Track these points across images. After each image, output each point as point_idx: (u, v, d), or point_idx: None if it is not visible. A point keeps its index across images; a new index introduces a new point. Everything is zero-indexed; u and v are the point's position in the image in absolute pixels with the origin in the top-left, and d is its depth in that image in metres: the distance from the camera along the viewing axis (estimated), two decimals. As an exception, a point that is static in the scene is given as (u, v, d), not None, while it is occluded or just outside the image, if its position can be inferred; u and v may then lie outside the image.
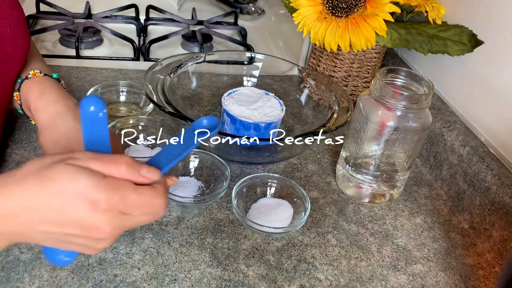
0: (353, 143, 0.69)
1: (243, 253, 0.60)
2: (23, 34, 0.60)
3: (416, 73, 0.66)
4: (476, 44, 0.75)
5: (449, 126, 0.76)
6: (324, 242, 0.64)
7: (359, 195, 0.71)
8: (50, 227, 0.39)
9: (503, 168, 0.67)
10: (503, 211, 0.63)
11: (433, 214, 0.72)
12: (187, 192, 0.66)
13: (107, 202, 0.38)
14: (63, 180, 0.38)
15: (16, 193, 0.38)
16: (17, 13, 0.60)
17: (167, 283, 0.55)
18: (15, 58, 0.59)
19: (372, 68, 0.89)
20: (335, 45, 0.78)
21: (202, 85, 0.88)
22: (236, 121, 0.73)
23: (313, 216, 0.67)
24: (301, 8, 0.80)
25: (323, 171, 0.76)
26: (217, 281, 0.56)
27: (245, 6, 1.26)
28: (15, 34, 0.58)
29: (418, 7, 0.77)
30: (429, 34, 0.79)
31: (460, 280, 0.62)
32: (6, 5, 0.57)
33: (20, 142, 0.71)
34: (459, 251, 0.66)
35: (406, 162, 0.68)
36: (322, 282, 0.58)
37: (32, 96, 0.58)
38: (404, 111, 0.63)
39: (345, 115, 0.73)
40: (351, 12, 0.76)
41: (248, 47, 1.05)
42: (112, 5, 1.09)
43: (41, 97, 0.57)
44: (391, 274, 0.61)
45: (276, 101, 0.79)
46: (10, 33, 0.57)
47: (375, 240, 0.65)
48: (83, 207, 0.38)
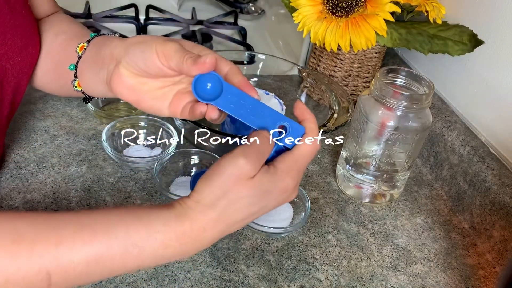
0: (353, 143, 0.68)
1: (243, 253, 0.60)
2: (33, 43, 0.58)
3: (416, 73, 0.66)
4: (477, 44, 0.75)
5: (449, 126, 0.76)
6: (324, 242, 0.64)
7: (359, 195, 0.71)
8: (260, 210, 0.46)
9: (504, 168, 0.67)
10: (504, 211, 0.63)
11: (434, 214, 0.72)
12: (188, 192, 0.66)
13: (292, 177, 0.46)
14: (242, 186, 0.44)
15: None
16: (29, 21, 0.58)
17: (167, 283, 0.55)
18: (24, 68, 0.58)
19: (372, 68, 0.89)
20: (335, 45, 0.78)
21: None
22: (236, 121, 0.73)
23: (313, 216, 0.67)
24: (301, 7, 0.79)
25: (323, 171, 0.76)
26: (217, 281, 0.56)
27: (245, 6, 1.26)
28: (26, 43, 0.57)
29: (419, 6, 0.77)
30: (430, 34, 0.79)
31: (461, 280, 0.61)
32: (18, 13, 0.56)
33: (20, 142, 0.71)
34: (460, 251, 0.66)
35: (406, 162, 0.67)
36: (322, 283, 0.58)
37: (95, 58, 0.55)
38: (404, 111, 0.63)
39: (345, 115, 0.73)
40: (351, 11, 0.76)
41: (248, 47, 1.04)
42: (112, 5, 1.09)
43: (101, 51, 0.54)
44: (392, 274, 0.61)
45: (276, 101, 0.78)
46: (20, 43, 0.56)
47: (375, 240, 0.65)
48: (282, 195, 0.46)
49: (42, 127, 0.75)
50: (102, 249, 0.40)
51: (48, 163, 0.69)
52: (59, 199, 0.63)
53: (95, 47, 0.56)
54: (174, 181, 0.68)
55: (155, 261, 0.43)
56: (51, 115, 0.78)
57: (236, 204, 0.43)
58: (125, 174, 0.69)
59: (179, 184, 0.67)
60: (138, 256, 0.41)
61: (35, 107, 0.79)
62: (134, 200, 0.65)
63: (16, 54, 0.56)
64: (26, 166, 0.67)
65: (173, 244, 0.42)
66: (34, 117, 0.77)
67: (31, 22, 0.59)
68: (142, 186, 0.67)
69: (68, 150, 0.71)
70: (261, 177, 0.44)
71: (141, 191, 0.67)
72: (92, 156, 0.71)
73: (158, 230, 0.41)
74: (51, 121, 0.76)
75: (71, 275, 0.39)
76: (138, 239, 0.41)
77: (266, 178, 0.44)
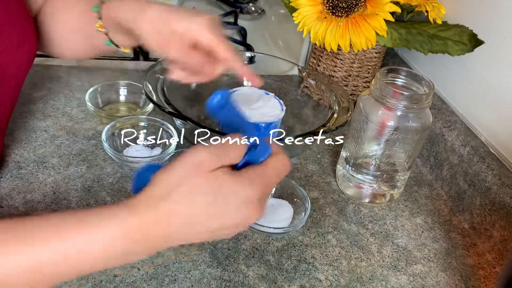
0: (353, 143, 0.68)
1: (243, 253, 0.60)
2: (30, 40, 0.60)
3: (416, 73, 0.66)
4: (476, 44, 0.75)
5: (449, 126, 0.76)
6: (324, 242, 0.63)
7: (359, 195, 0.71)
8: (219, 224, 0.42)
9: (504, 168, 0.67)
10: (504, 211, 0.63)
11: (434, 214, 0.72)
12: None
13: (258, 189, 0.42)
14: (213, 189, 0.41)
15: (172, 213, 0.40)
16: (25, 19, 0.59)
17: (167, 283, 0.55)
18: (22, 66, 0.59)
19: (372, 68, 0.89)
20: (335, 44, 0.78)
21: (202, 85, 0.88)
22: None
23: (313, 216, 0.67)
24: (301, 7, 0.79)
25: (323, 171, 0.76)
26: (217, 281, 0.56)
27: (245, 6, 1.26)
28: (22, 40, 0.58)
29: (419, 6, 0.77)
30: (430, 34, 0.79)
31: (461, 280, 0.61)
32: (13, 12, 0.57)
33: (20, 142, 0.71)
34: (460, 251, 0.66)
35: (406, 162, 0.67)
36: (322, 283, 0.58)
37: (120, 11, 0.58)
38: (404, 111, 0.63)
39: (345, 115, 0.73)
40: (351, 11, 0.76)
41: (248, 47, 1.04)
42: (112, 5, 1.09)
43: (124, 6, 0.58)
44: (392, 274, 0.61)
45: (276, 101, 0.78)
46: (17, 40, 0.57)
47: (375, 240, 0.65)
48: (243, 209, 0.41)
49: (42, 127, 0.75)
50: (36, 257, 0.38)
51: (48, 163, 0.69)
52: (59, 199, 0.63)
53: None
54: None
55: (106, 261, 0.40)
56: (51, 115, 0.78)
57: (191, 196, 0.40)
58: (125, 174, 0.69)
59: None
60: (88, 256, 0.39)
61: (35, 107, 0.79)
62: (134, 200, 0.65)
63: (13, 51, 0.57)
64: (26, 166, 0.67)
65: (120, 242, 0.39)
66: (34, 117, 0.77)
67: (27, 19, 0.60)
68: (142, 186, 0.67)
69: (68, 150, 0.71)
70: (221, 174, 0.41)
71: (141, 191, 0.67)
72: (92, 156, 0.71)
73: (107, 227, 0.39)
74: (51, 121, 0.76)
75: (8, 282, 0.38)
76: (80, 241, 0.39)
77: (227, 178, 0.41)
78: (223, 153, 0.42)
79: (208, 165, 0.40)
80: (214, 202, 0.40)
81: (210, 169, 0.41)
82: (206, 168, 0.40)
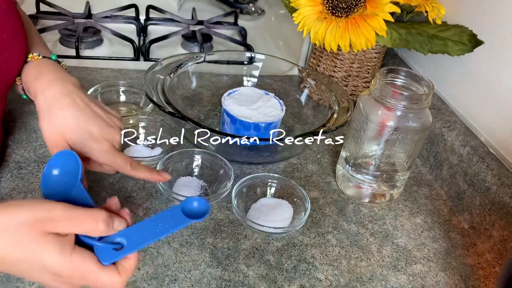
0: (353, 143, 0.69)
1: (243, 253, 0.60)
2: (19, 39, 0.60)
3: (416, 73, 0.66)
4: (476, 44, 0.75)
5: (449, 126, 0.76)
6: (324, 242, 0.64)
7: (359, 195, 0.71)
8: (21, 275, 0.44)
9: (503, 168, 0.67)
10: (503, 211, 0.63)
11: (433, 214, 0.72)
12: (191, 192, 0.66)
13: (67, 278, 0.43)
14: (31, 252, 0.41)
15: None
16: (14, 19, 0.60)
17: (167, 283, 0.55)
18: (12, 64, 0.59)
19: (372, 68, 0.89)
20: (335, 45, 0.78)
21: (202, 85, 0.88)
22: (236, 121, 0.73)
23: (313, 216, 0.67)
24: (301, 8, 0.80)
25: (323, 171, 0.76)
26: (217, 281, 0.56)
27: (245, 6, 1.26)
28: (11, 40, 0.58)
29: (418, 7, 0.77)
30: (429, 34, 0.79)
31: (460, 280, 0.62)
32: (3, 12, 0.57)
33: (20, 142, 0.71)
34: (459, 251, 0.66)
35: (406, 162, 0.68)
36: (322, 282, 0.58)
37: (30, 79, 0.58)
38: (404, 111, 0.63)
39: (345, 115, 0.73)
40: (351, 12, 0.76)
41: (248, 47, 1.05)
42: (112, 5, 1.09)
43: (38, 80, 0.57)
44: (391, 274, 0.61)
45: (276, 101, 0.79)
46: (7, 39, 0.57)
47: (375, 240, 0.65)
48: (46, 276, 0.42)
49: (43, 127, 0.75)
50: None
51: (48, 163, 0.69)
52: (60, 199, 0.63)
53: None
54: (176, 181, 0.68)
55: None
56: (51, 115, 0.78)
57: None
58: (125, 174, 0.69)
59: (183, 184, 0.67)
60: None
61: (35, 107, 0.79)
62: (134, 200, 0.65)
63: (4, 50, 0.57)
64: (26, 166, 0.68)
65: None
66: (34, 117, 0.77)
67: (16, 19, 0.60)
68: (142, 186, 0.67)
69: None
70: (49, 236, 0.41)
71: (141, 191, 0.67)
72: (92, 156, 0.71)
73: None
74: (51, 121, 0.76)
75: None
76: None
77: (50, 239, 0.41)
78: (68, 207, 0.42)
79: (39, 226, 0.41)
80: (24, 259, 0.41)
81: (43, 230, 0.41)
82: (40, 228, 0.41)
